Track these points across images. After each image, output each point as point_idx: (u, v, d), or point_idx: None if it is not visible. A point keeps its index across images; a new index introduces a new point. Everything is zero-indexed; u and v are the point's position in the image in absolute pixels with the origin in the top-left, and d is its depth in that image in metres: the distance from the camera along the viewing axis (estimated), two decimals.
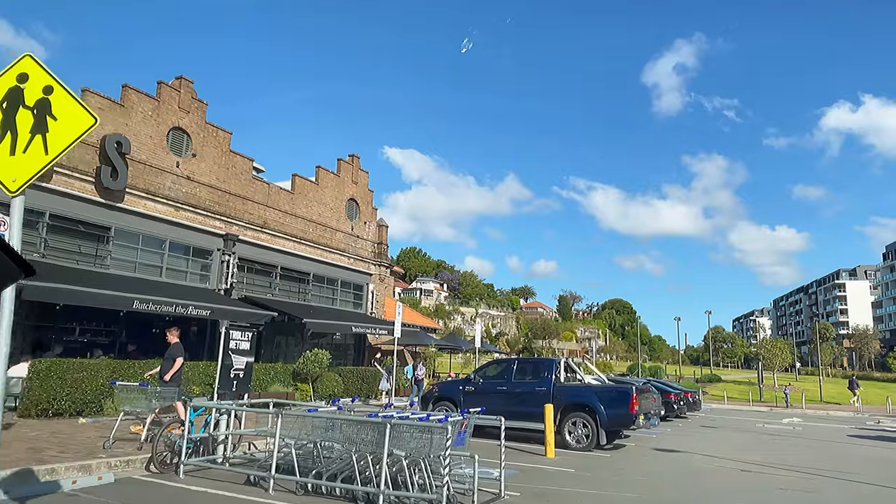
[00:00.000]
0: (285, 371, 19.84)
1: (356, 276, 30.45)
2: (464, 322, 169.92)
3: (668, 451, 13.38)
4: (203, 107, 22.67)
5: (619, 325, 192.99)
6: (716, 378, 51.33)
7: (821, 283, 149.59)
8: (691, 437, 17.00)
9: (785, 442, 17.17)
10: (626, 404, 12.07)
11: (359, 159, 31.19)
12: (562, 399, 12.71)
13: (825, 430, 22.65)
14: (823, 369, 64.60)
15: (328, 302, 28.75)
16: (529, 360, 15.59)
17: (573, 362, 14.00)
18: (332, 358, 30.11)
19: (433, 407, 14.21)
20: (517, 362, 13.83)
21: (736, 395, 38.80)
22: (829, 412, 31.43)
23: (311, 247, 27.33)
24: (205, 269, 22.46)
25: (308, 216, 27.35)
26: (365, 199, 31.43)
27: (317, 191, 28.07)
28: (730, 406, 32.97)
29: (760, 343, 50.32)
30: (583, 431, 12.36)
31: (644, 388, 12.96)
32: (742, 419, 25.65)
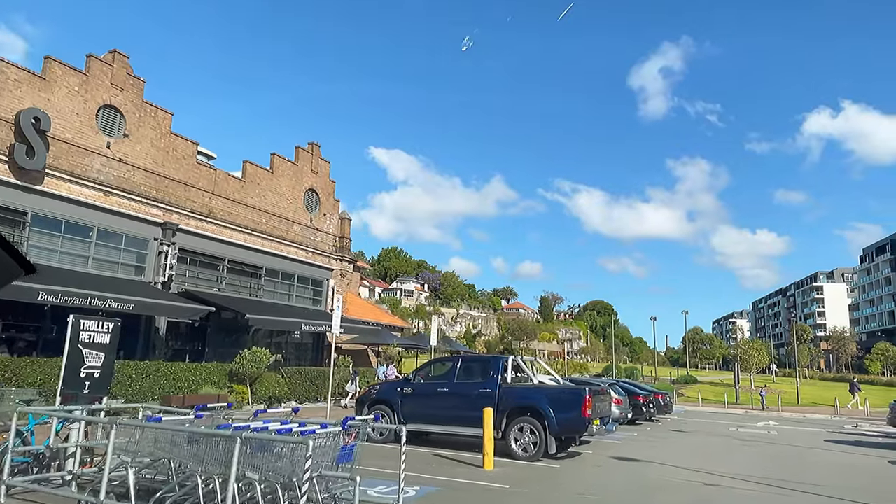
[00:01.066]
0: (220, 371, 18.19)
1: (315, 271, 28.82)
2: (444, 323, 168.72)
3: (627, 460, 11.99)
4: (140, 84, 20.92)
5: (600, 327, 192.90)
6: (692, 379, 50.41)
7: (799, 286, 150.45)
8: (657, 444, 15.65)
9: (757, 449, 15.90)
10: (577, 408, 10.66)
11: (319, 148, 29.56)
12: (508, 402, 11.27)
13: (801, 434, 21.51)
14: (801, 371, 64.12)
15: (284, 298, 27.09)
16: (474, 358, 14.11)
17: (524, 360, 12.58)
18: (292, 357, 28.59)
19: (369, 411, 12.69)
20: (461, 361, 12.37)
21: (711, 397, 37.77)
22: (806, 415, 30.44)
23: (264, 239, 25.66)
24: (140, 261, 20.72)
25: (261, 206, 25.68)
26: (326, 190, 29.81)
27: (271, 179, 26.39)
28: (704, 408, 31.84)
29: (738, 344, 49.48)
30: (530, 438, 10.92)
31: (599, 389, 11.58)
32: (715, 422, 24.45)
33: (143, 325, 20.60)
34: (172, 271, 20.95)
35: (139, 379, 15.43)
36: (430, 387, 12.27)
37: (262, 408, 17.07)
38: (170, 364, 16.76)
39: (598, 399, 11.22)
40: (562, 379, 13.87)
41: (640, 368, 57.29)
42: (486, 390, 11.50)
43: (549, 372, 13.00)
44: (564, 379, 20.75)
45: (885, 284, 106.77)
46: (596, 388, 11.67)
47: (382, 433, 12.43)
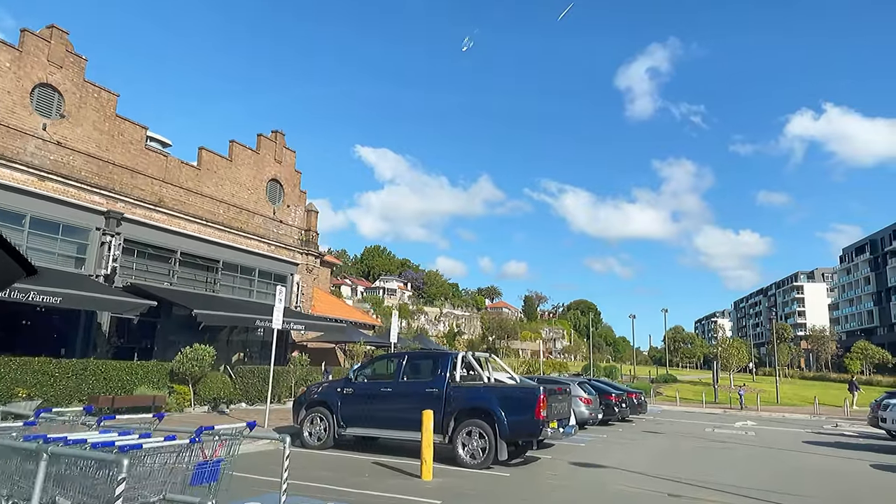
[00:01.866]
0: (160, 371, 16.85)
1: (278, 266, 27.50)
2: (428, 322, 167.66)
3: (588, 465, 10.92)
4: (81, 62, 19.50)
5: (583, 326, 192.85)
6: (671, 378, 49.72)
7: (779, 286, 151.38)
8: (626, 446, 14.62)
9: (732, 452, 14.94)
10: (530, 409, 9.56)
11: (283, 136, 28.25)
12: (456, 403, 10.15)
13: (780, 435, 20.65)
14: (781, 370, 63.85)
15: (244, 294, 25.77)
16: (421, 354, 12.94)
17: (478, 357, 11.45)
18: (257, 356, 27.23)
19: (307, 414, 11.50)
20: (407, 358, 11.21)
21: (690, 396, 37.01)
22: (786, 415, 29.72)
23: (222, 230, 24.31)
24: (81, 252, 19.33)
25: (218, 196, 24.33)
26: (291, 181, 28.49)
27: (229, 168, 25.04)
28: (682, 408, 31.01)
29: (718, 343, 48.88)
30: (479, 443, 9.80)
31: (555, 388, 10.49)
32: (692, 422, 23.56)
33: (84, 321, 19.23)
34: (116, 263, 19.59)
35: (63, 378, 14.08)
36: (372, 387, 11.10)
37: (166, 410, 15.64)
38: (100, 362, 15.42)
39: (554, 399, 10.12)
40: (523, 378, 12.79)
41: (619, 367, 56.59)
42: (432, 390, 10.36)
43: (506, 369, 11.90)
44: (535, 378, 19.72)
45: (865, 284, 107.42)
46: (552, 387, 10.58)
47: (320, 438, 11.25)
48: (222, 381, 17.30)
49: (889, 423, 15.94)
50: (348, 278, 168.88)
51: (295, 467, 9.48)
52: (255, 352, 27.54)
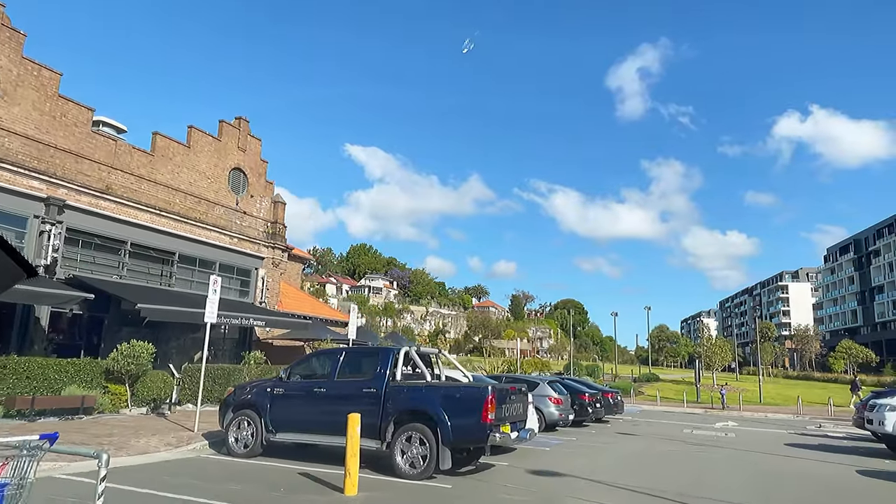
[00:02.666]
0: (94, 369, 15.53)
1: (241, 259, 26.19)
2: (414, 321, 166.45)
3: (546, 474, 9.81)
4: (19, 37, 18.11)
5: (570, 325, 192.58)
6: (654, 377, 48.89)
7: (765, 285, 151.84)
8: (595, 451, 13.54)
9: (709, 455, 13.91)
10: (475, 411, 8.41)
11: (248, 123, 26.92)
12: (395, 404, 8.99)
13: (761, 436, 19.71)
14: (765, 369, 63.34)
15: (203, 288, 24.39)
16: (360, 350, 11.70)
17: (425, 353, 10.30)
18: (222, 354, 25.92)
19: (233, 417, 10.28)
20: (345, 354, 10.03)
21: (672, 396, 36.13)
22: (768, 414, 28.88)
23: (178, 221, 22.98)
24: (18, 241, 17.92)
25: (174, 184, 22.99)
26: (256, 171, 27.18)
27: (187, 155, 23.70)
28: (662, 407, 30.08)
29: (701, 342, 48.12)
30: (419, 451, 8.64)
31: (508, 388, 9.34)
32: (671, 423, 22.58)
33: (21, 316, 17.87)
34: (57, 254, 18.23)
35: None
36: (305, 387, 9.89)
37: (98, 411, 14.36)
38: (23, 359, 14.09)
39: (506, 400, 8.99)
40: (483, 376, 11.65)
41: (601, 366, 55.76)
42: (370, 390, 9.19)
43: (458, 367, 10.78)
44: (503, 377, 18.61)
45: (849, 284, 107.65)
46: (505, 386, 9.45)
47: (246, 444, 10.04)
48: (163, 381, 16.00)
49: (876, 424, 15.03)
50: (333, 276, 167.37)
51: (205, 479, 8.30)
52: (221, 350, 26.26)
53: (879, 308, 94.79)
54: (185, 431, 11.85)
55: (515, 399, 9.35)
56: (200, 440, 10.85)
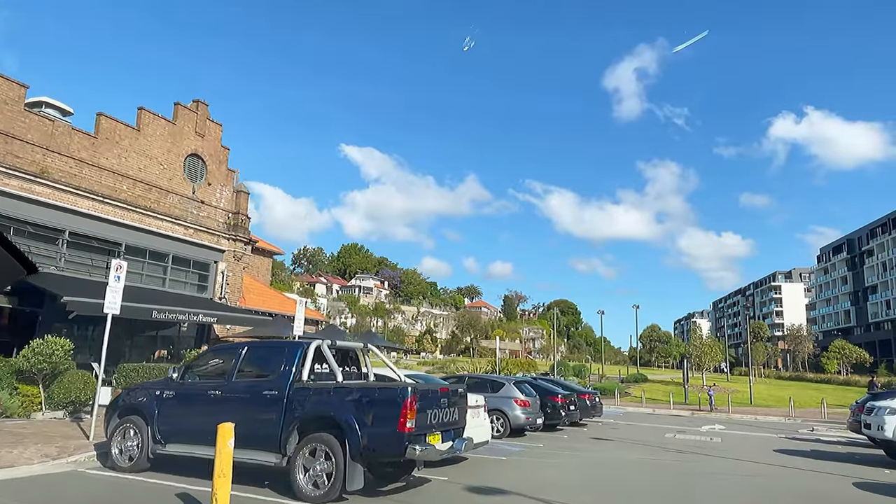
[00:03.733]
0: (3, 368, 13.87)
1: (199, 252, 24.55)
2: (405, 321, 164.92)
3: (488, 492, 8.27)
4: None
5: (563, 326, 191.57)
6: (642, 378, 47.46)
7: (758, 286, 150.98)
8: (559, 460, 12.00)
9: (689, 465, 12.41)
10: (390, 418, 6.85)
11: (207, 107, 25.28)
12: (300, 410, 7.41)
13: (749, 441, 18.25)
14: (757, 370, 62.03)
15: (155, 282, 22.80)
16: (265, 345, 9.99)
17: (347, 348, 8.74)
18: (176, 354, 24.29)
19: (118, 424, 8.68)
20: (247, 349, 8.43)
21: (659, 397, 34.68)
22: (758, 416, 27.44)
23: (125, 209, 21.33)
24: None
25: (121, 170, 21.34)
26: (216, 158, 25.53)
27: (137, 138, 22.05)
28: (647, 409, 28.61)
29: (691, 342, 46.72)
30: (324, 467, 7.06)
31: (437, 389, 7.77)
32: (653, 426, 21.09)
33: None
34: None
35: None
36: (199, 389, 8.29)
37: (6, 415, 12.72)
38: None
39: (435, 404, 7.42)
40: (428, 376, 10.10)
41: (589, 366, 54.33)
42: (271, 393, 7.61)
43: (389, 365, 9.23)
44: (464, 378, 17.07)
45: (842, 284, 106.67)
46: (431, 387, 7.91)
47: (132, 457, 8.43)
48: (84, 381, 14.36)
49: (874, 429, 13.58)
50: (324, 276, 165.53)
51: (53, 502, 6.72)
52: (178, 349, 24.61)
53: (873, 308, 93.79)
54: (78, 440, 10.26)
55: (448, 403, 7.77)
56: (88, 451, 9.26)
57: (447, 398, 7.77)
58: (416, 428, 6.91)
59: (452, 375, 18.63)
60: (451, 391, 8.03)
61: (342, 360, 8.70)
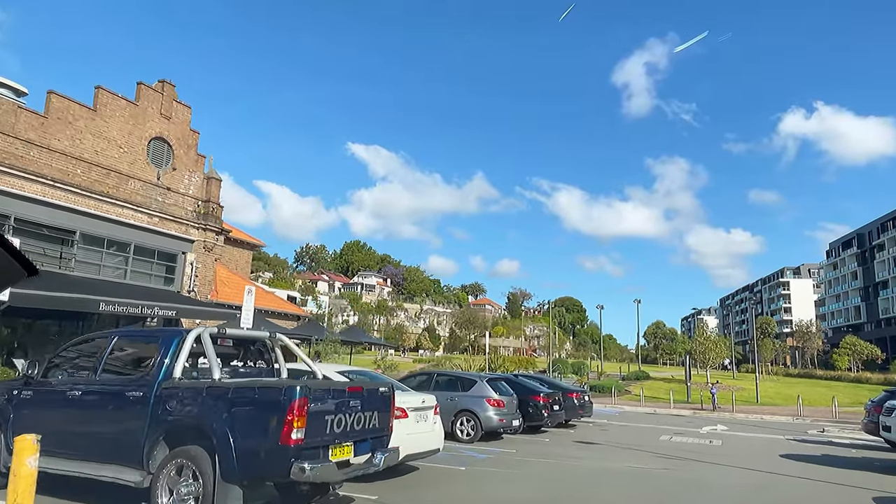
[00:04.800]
0: None
1: (165, 242, 23.09)
2: (407, 318, 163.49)
3: None
4: None
5: (568, 323, 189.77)
6: (644, 375, 45.66)
7: (765, 282, 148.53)
8: (527, 471, 10.38)
9: (682, 473, 10.79)
10: (273, 428, 5.22)
11: (174, 88, 23.78)
12: (168, 416, 5.81)
13: (753, 444, 16.59)
14: (764, 367, 60.13)
15: (117, 274, 21.35)
16: (136, 335, 8.16)
17: (242, 337, 7.08)
18: None
19: None
20: (116, 340, 6.82)
21: (660, 395, 32.97)
22: (764, 416, 25.72)
23: (80, 195, 19.89)
24: None
25: (74, 152, 19.89)
26: (184, 141, 24.03)
27: (93, 119, 20.57)
28: (646, 408, 26.91)
29: (694, 338, 44.88)
30: (191, 490, 5.46)
31: (343, 388, 6.13)
32: (649, 427, 19.44)
33: None
34: None
35: None
36: (59, 389, 6.69)
37: None
38: None
39: (341, 407, 5.81)
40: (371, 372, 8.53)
41: (589, 364, 52.54)
42: (134, 394, 6.03)
43: (304, 359, 7.65)
44: (432, 374, 15.48)
45: (852, 279, 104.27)
46: (336, 385, 6.31)
47: None
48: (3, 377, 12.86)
49: (894, 432, 11.92)
50: (326, 274, 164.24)
51: None
52: None
53: (884, 304, 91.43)
54: None
55: (363, 405, 6.15)
56: None
57: (361, 399, 6.15)
58: (307, 439, 5.30)
59: (421, 372, 17.07)
60: (369, 391, 6.43)
61: (245, 355, 7.14)
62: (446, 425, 13.17)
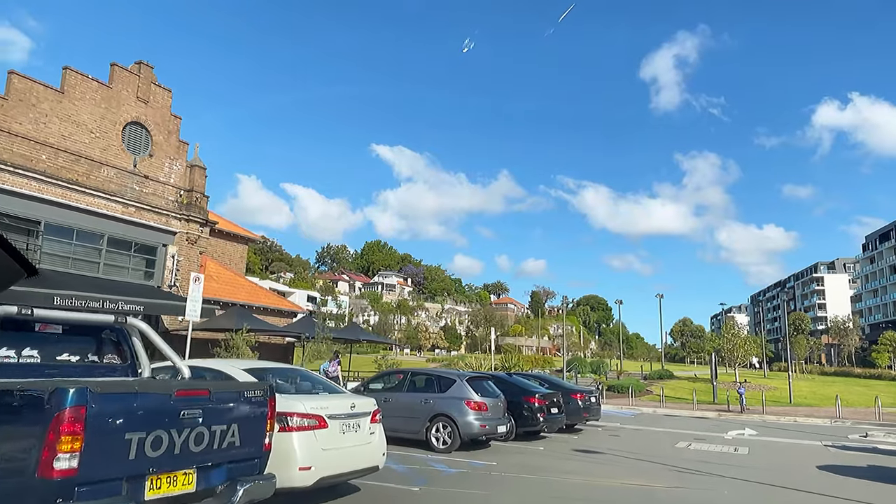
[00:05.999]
0: None
1: (142, 233, 21.69)
2: (428, 318, 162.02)
3: None
4: None
5: (593, 322, 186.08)
6: (667, 374, 43.14)
7: (798, 277, 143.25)
8: (495, 492, 8.46)
9: (696, 494, 8.84)
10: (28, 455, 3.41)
11: (152, 70, 22.36)
12: None
13: (786, 451, 14.42)
14: (798, 365, 56.92)
15: (89, 268, 19.99)
16: None
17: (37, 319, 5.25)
18: None
19: None
20: None
21: (683, 395, 30.61)
22: (798, 419, 23.29)
23: (45, 182, 18.57)
24: None
25: (39, 137, 18.57)
26: (164, 127, 22.61)
27: (59, 102, 19.23)
28: (666, 410, 24.67)
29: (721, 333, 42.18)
30: None
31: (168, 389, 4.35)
32: (667, 432, 17.32)
33: None
34: None
35: None
36: None
37: None
38: None
39: (166, 419, 3.93)
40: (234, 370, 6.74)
41: (609, 362, 50.15)
42: None
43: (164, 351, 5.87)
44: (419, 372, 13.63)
45: (890, 273, 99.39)
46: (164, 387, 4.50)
47: None
48: None
49: None
50: (346, 273, 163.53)
51: None
52: None
53: None
54: None
55: (206, 415, 4.28)
56: None
57: (205, 407, 4.31)
58: (87, 470, 3.51)
59: (393, 370, 15.26)
60: (223, 394, 4.60)
61: (97, 346, 5.42)
62: (420, 432, 11.35)
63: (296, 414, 5.90)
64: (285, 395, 6.17)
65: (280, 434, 5.81)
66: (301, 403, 6.00)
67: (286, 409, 5.91)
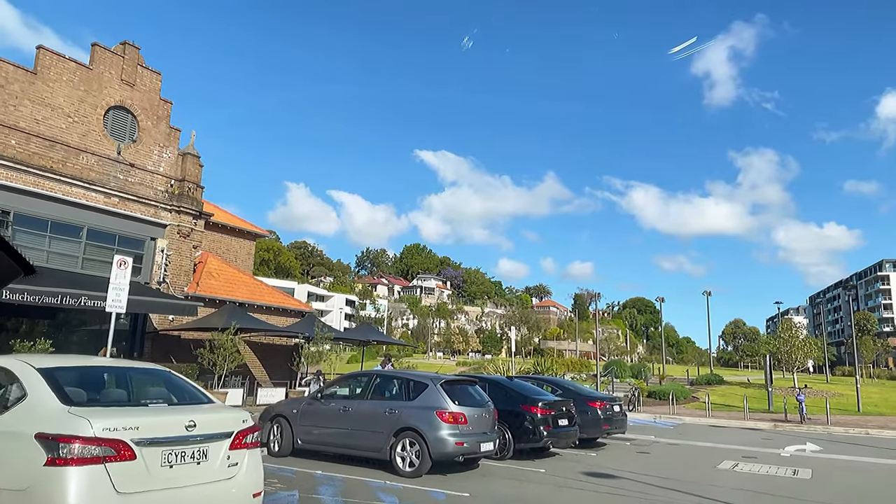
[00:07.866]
0: None
1: (128, 226, 20.23)
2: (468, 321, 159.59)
3: None
4: None
5: (640, 325, 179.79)
6: (716, 379, 39.33)
7: (861, 277, 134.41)
8: None
9: None
10: None
11: (138, 51, 20.88)
12: None
13: (860, 474, 11.51)
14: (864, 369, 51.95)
15: (67, 262, 18.58)
16: None
17: None
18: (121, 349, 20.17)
19: None
20: None
21: (733, 403, 27.25)
22: (870, 430, 19.90)
23: (15, 169, 17.21)
24: None
25: (7, 121, 17.27)
26: (152, 113, 21.11)
27: (32, 83, 17.87)
28: (712, 420, 21.55)
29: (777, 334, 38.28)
30: None
31: None
32: (708, 448, 14.49)
33: None
34: None
35: None
36: None
37: None
38: None
39: None
40: None
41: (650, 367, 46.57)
42: None
43: None
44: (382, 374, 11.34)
45: None
46: None
47: None
48: None
49: None
50: (385, 277, 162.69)
51: None
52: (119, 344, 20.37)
53: None
54: None
55: None
56: None
57: None
58: None
59: (361, 372, 12.98)
60: None
61: None
62: (383, 450, 9.05)
63: (77, 438, 3.76)
64: (74, 408, 4.02)
65: (45, 469, 3.67)
66: (89, 420, 3.85)
67: (61, 429, 3.77)
